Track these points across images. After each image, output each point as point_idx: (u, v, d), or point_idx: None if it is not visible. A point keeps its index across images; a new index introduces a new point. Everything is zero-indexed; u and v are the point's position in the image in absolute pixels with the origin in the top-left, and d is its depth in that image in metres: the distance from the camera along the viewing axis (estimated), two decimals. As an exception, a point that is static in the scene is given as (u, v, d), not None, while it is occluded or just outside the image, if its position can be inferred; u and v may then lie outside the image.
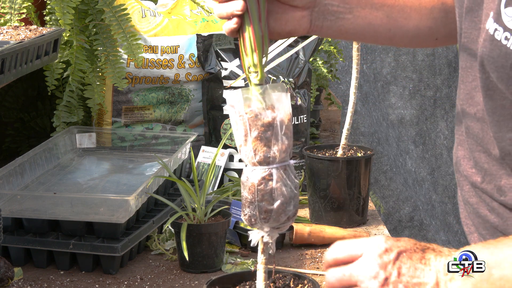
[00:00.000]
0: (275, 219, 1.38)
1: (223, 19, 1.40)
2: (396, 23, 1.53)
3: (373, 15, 1.51)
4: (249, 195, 1.37)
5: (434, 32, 1.56)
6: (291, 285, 1.57)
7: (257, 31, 1.37)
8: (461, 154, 1.43)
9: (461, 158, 1.42)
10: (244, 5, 1.37)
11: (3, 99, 2.79)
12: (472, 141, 1.39)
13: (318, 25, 1.49)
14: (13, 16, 2.46)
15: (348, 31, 1.51)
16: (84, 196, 2.18)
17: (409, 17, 1.53)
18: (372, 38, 1.55)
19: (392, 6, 1.52)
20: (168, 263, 2.15)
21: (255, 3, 1.38)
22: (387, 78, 5.71)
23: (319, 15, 1.48)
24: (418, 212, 5.53)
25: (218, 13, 1.40)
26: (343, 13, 1.49)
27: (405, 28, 1.54)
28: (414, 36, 1.56)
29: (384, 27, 1.53)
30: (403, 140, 5.70)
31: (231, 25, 1.39)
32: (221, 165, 2.60)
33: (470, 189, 1.42)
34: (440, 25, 1.56)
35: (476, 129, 1.38)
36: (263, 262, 1.43)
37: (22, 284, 2.02)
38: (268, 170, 1.37)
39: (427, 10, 1.54)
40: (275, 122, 1.36)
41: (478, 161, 1.38)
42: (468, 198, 1.42)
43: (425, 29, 1.55)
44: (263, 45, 1.38)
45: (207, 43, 2.68)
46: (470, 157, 1.40)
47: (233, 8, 1.37)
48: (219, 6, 1.40)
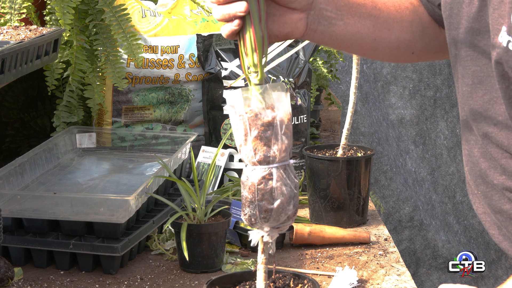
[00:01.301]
0: (275, 219, 1.38)
1: (223, 21, 1.40)
2: (380, 33, 1.58)
3: (361, 24, 1.55)
4: (249, 195, 1.37)
5: (412, 45, 1.62)
6: (291, 285, 1.57)
7: (258, 31, 1.38)
8: (485, 165, 1.45)
9: (487, 169, 1.44)
10: (247, 7, 1.37)
11: (3, 99, 2.79)
12: (496, 150, 1.43)
13: (313, 29, 1.52)
14: (13, 16, 2.46)
15: (338, 37, 1.55)
16: (84, 196, 2.18)
17: (392, 28, 1.59)
18: (358, 47, 1.60)
19: (378, 16, 1.57)
20: (168, 263, 2.15)
21: (256, 4, 1.38)
22: (387, 78, 5.71)
23: (315, 18, 1.51)
24: (418, 212, 5.53)
25: (219, 15, 1.39)
26: (335, 19, 1.53)
27: (388, 39, 1.59)
28: (394, 48, 1.61)
29: (370, 36, 1.57)
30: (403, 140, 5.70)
31: (232, 27, 1.39)
32: (221, 165, 2.60)
33: (502, 196, 1.43)
34: (418, 38, 1.61)
35: (501, 138, 1.41)
36: (263, 262, 1.43)
37: (22, 284, 2.02)
38: (268, 169, 1.37)
39: (407, 23, 1.60)
40: (275, 121, 1.37)
41: (507, 167, 1.41)
42: (501, 206, 1.44)
43: (405, 41, 1.61)
44: (263, 45, 1.39)
45: (207, 43, 2.68)
46: (497, 165, 1.43)
47: (236, 9, 1.38)
48: (219, 8, 1.39)
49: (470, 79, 1.44)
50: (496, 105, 1.40)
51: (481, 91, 1.42)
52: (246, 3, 1.37)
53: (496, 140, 1.41)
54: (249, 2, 1.38)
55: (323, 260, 2.17)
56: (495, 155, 1.42)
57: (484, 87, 1.41)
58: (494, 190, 1.44)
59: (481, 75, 1.42)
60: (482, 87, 1.42)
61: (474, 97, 1.44)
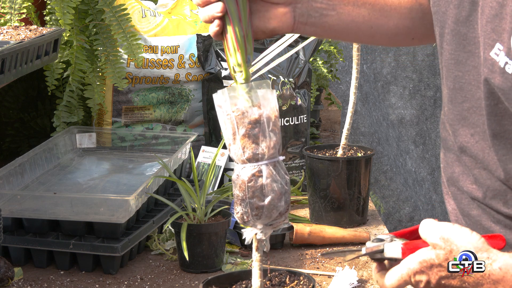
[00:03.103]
0: (267, 215, 1.39)
1: (207, 23, 1.43)
2: (377, 21, 1.55)
3: (356, 12, 1.53)
4: (240, 193, 1.39)
5: (412, 32, 1.59)
6: (287, 281, 1.58)
7: (238, 31, 1.40)
8: (458, 170, 1.44)
9: (459, 174, 1.44)
10: (224, 7, 1.40)
11: (3, 99, 2.79)
12: (470, 159, 1.42)
13: (302, 22, 1.50)
14: (13, 16, 2.46)
15: (331, 28, 1.53)
16: (84, 196, 2.18)
17: (390, 15, 1.56)
18: (355, 35, 1.58)
19: (374, 4, 1.54)
20: (168, 263, 2.15)
21: (234, 4, 1.40)
22: (387, 78, 5.71)
23: (303, 11, 1.49)
24: (418, 212, 5.53)
25: (202, 17, 1.43)
26: (327, 10, 1.51)
27: (385, 27, 1.56)
28: (393, 35, 1.58)
29: (366, 25, 1.55)
30: (403, 140, 5.71)
31: (214, 28, 1.42)
32: (221, 165, 2.60)
33: (471, 202, 1.43)
34: (417, 25, 1.58)
35: (475, 150, 1.40)
36: (258, 259, 1.44)
37: (22, 284, 2.02)
38: (258, 166, 1.38)
39: (406, 9, 1.57)
40: (262, 118, 1.38)
41: (478, 178, 1.41)
42: (469, 211, 1.44)
43: (404, 28, 1.58)
44: (245, 44, 1.40)
45: (207, 43, 2.68)
46: (469, 173, 1.42)
47: (213, 10, 1.41)
48: (201, 10, 1.43)
49: (452, 83, 1.42)
50: (475, 115, 1.39)
51: (460, 98, 1.41)
52: (223, 4, 1.39)
53: (471, 151, 1.40)
54: (227, 2, 1.39)
55: (323, 260, 2.17)
56: (469, 164, 1.42)
57: (464, 94, 1.40)
58: (464, 195, 1.44)
59: (462, 81, 1.40)
60: (462, 93, 1.40)
61: (454, 102, 1.42)
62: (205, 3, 1.41)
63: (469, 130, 1.40)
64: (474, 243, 1.30)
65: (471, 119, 1.40)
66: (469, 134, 1.40)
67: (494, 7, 1.32)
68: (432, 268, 1.30)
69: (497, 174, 1.37)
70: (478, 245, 1.29)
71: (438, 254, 1.30)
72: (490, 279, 1.29)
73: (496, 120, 1.35)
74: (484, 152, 1.38)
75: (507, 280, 1.28)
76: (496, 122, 1.35)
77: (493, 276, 1.28)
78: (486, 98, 1.35)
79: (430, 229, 1.33)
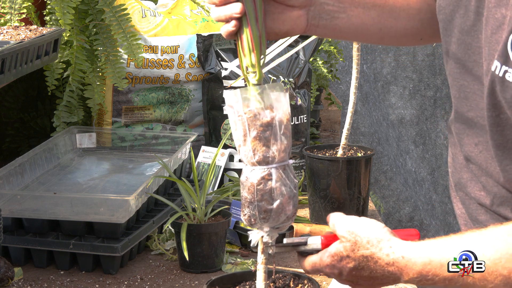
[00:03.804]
0: (274, 219, 1.38)
1: (221, 22, 1.41)
2: (386, 22, 1.56)
3: (366, 15, 1.54)
4: (248, 195, 1.37)
5: (420, 32, 1.60)
6: (291, 285, 1.57)
7: (255, 31, 1.38)
8: (466, 176, 1.45)
9: (467, 180, 1.45)
10: (243, 8, 1.38)
11: (3, 99, 2.79)
12: (476, 167, 1.43)
13: (314, 24, 1.51)
14: (13, 16, 2.46)
15: (342, 30, 1.54)
16: (84, 196, 2.18)
17: (399, 17, 1.57)
18: (364, 37, 1.59)
19: (383, 6, 1.55)
20: (168, 263, 2.15)
21: (252, 5, 1.39)
22: (387, 78, 5.71)
23: (315, 14, 1.50)
24: (418, 212, 5.53)
25: (216, 16, 1.41)
26: (338, 12, 1.52)
27: (395, 28, 1.57)
28: (402, 36, 1.60)
29: (376, 27, 1.56)
30: (403, 140, 5.70)
31: (229, 28, 1.40)
32: (221, 165, 2.60)
33: (479, 208, 1.43)
34: (426, 26, 1.59)
35: (479, 159, 1.41)
36: (263, 262, 1.43)
37: (22, 284, 2.02)
38: (267, 170, 1.37)
39: (415, 11, 1.58)
40: (274, 122, 1.37)
41: (486, 185, 1.42)
42: (477, 216, 1.44)
43: (413, 29, 1.59)
44: (260, 45, 1.39)
45: (207, 43, 2.68)
46: (477, 180, 1.43)
47: (232, 11, 1.39)
48: (217, 9, 1.41)
49: (457, 91, 1.43)
50: (479, 125, 1.39)
51: (466, 107, 1.41)
52: (242, 5, 1.38)
53: (475, 160, 1.41)
54: (245, 3, 1.38)
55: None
56: (476, 172, 1.42)
57: (469, 103, 1.40)
58: (472, 200, 1.44)
59: (467, 91, 1.41)
60: (467, 102, 1.41)
61: (459, 111, 1.43)
62: (222, 3, 1.39)
63: (473, 140, 1.41)
64: (376, 233, 1.37)
65: (475, 128, 1.41)
66: (473, 143, 1.41)
67: (498, 19, 1.32)
68: (341, 260, 1.40)
69: (501, 182, 1.38)
70: (380, 235, 1.37)
71: (346, 246, 1.39)
72: (395, 267, 1.34)
73: (499, 130, 1.36)
74: (487, 162, 1.39)
75: (410, 267, 1.33)
76: (499, 132, 1.36)
77: (397, 264, 1.34)
78: (488, 109, 1.35)
79: (338, 223, 1.43)
